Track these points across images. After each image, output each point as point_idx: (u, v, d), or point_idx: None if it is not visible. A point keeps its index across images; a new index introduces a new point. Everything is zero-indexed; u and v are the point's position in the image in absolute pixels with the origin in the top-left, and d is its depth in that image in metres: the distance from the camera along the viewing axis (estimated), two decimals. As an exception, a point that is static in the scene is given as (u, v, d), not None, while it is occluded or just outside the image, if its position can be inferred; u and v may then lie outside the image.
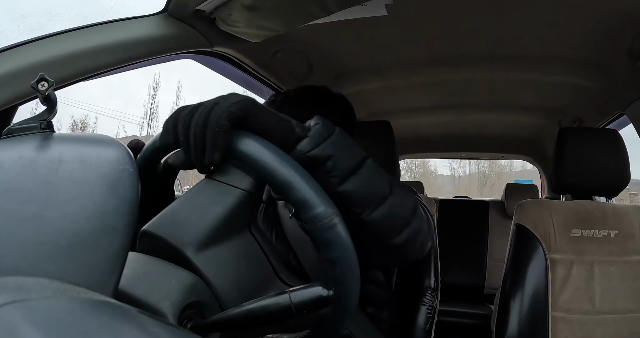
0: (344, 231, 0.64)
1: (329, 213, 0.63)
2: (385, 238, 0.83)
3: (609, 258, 1.50)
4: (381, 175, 0.83)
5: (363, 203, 0.77)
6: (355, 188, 0.75)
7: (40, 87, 0.56)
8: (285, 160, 0.65)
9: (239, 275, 0.66)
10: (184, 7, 1.19)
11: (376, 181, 0.81)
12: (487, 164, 32.43)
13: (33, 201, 0.45)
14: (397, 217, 0.84)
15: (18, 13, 29.16)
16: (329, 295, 0.62)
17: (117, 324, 0.32)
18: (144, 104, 37.06)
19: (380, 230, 0.82)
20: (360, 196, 0.76)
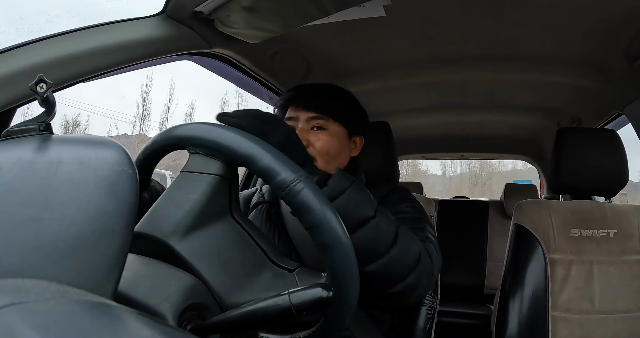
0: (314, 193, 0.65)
1: (292, 178, 0.64)
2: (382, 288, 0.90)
3: (608, 257, 1.50)
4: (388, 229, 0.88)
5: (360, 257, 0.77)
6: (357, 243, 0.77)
7: (38, 89, 0.56)
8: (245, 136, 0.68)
9: (226, 260, 0.67)
10: (182, 9, 1.19)
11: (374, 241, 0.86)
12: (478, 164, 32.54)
13: (32, 203, 0.45)
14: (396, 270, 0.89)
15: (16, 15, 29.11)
16: (329, 296, 0.62)
17: (117, 326, 0.32)
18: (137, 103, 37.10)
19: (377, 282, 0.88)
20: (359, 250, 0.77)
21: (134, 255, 0.64)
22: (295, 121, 1.17)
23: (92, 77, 1.05)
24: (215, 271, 0.64)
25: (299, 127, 1.15)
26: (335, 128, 1.18)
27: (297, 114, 1.17)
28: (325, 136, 1.16)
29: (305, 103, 1.18)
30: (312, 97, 1.20)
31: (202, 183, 0.69)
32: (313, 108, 1.17)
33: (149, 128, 24.96)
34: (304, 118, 1.16)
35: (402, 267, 0.90)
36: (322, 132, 1.16)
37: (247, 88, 1.91)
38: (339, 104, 1.22)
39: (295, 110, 1.18)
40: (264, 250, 0.71)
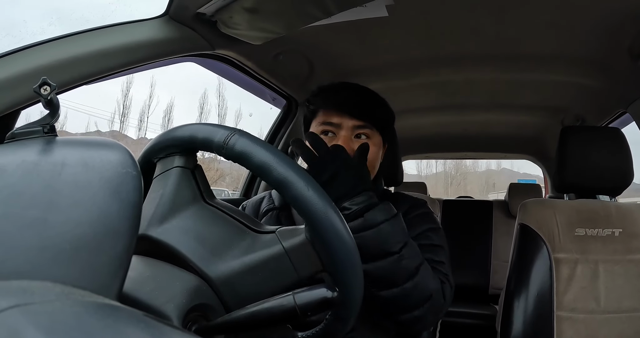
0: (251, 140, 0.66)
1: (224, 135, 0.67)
2: (395, 313, 0.93)
3: (614, 257, 1.50)
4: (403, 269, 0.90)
5: (380, 284, 0.87)
6: (374, 270, 0.86)
7: (42, 92, 0.56)
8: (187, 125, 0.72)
9: (204, 236, 0.68)
10: (185, 11, 1.19)
11: (393, 274, 0.89)
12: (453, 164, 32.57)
13: (36, 205, 0.45)
14: (412, 300, 0.92)
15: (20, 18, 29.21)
16: (334, 297, 0.62)
17: (122, 327, 0.32)
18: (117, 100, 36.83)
19: (392, 308, 0.91)
20: (376, 279, 0.86)
21: (138, 256, 0.64)
22: (336, 127, 1.11)
23: (95, 79, 1.05)
24: (193, 246, 0.65)
25: (342, 135, 1.10)
26: (378, 137, 1.15)
27: (340, 121, 1.11)
28: (370, 146, 1.08)
29: (352, 110, 1.11)
30: (359, 103, 1.13)
31: (167, 178, 0.72)
32: (360, 116, 1.11)
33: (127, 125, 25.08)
34: (349, 126, 1.11)
35: (413, 301, 0.92)
36: (365, 140, 1.11)
37: (250, 89, 1.91)
38: (381, 112, 1.17)
39: (339, 116, 1.11)
40: (243, 222, 0.72)
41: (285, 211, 1.22)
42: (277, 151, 0.66)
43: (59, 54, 0.97)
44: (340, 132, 1.10)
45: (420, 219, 1.17)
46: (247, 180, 2.29)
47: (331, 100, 1.14)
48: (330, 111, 1.12)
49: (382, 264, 0.87)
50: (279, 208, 1.23)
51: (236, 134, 0.66)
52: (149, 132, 41.63)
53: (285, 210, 1.22)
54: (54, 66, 0.96)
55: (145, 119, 29.09)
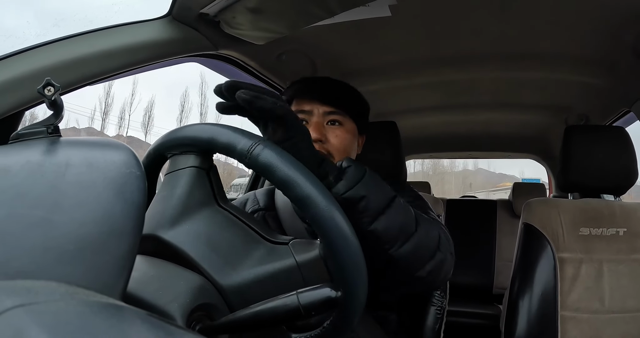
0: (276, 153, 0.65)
1: (249, 144, 0.65)
2: (410, 271, 0.87)
3: (618, 256, 1.49)
4: (408, 211, 0.86)
5: (391, 240, 0.81)
6: (384, 226, 0.79)
7: (46, 92, 0.56)
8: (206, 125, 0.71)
9: (216, 243, 0.67)
10: (187, 11, 1.19)
11: (403, 219, 0.84)
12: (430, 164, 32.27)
13: (41, 205, 0.45)
14: (422, 251, 0.87)
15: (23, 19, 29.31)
16: (337, 296, 0.62)
17: (126, 327, 0.32)
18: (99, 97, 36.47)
19: (406, 265, 0.85)
20: (388, 234, 0.80)
21: (142, 256, 0.64)
22: (308, 114, 1.13)
23: (99, 79, 1.06)
24: (206, 254, 0.65)
25: (314, 121, 1.12)
26: (350, 124, 1.16)
27: (310, 108, 1.13)
28: (342, 132, 1.13)
29: (322, 97, 1.14)
30: (329, 90, 1.16)
31: (181, 177, 0.71)
32: (330, 102, 1.13)
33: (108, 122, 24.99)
34: (320, 112, 1.13)
35: (431, 243, 0.89)
36: (338, 128, 1.13)
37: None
38: (354, 100, 1.20)
39: (310, 103, 1.13)
40: (255, 229, 0.71)
41: (272, 211, 1.22)
42: (301, 166, 0.65)
43: (62, 55, 0.98)
44: (312, 118, 1.12)
45: (407, 196, 1.17)
46: (250, 181, 2.29)
47: (303, 88, 1.17)
48: (303, 99, 1.15)
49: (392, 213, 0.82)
50: (264, 209, 1.23)
51: (261, 144, 0.65)
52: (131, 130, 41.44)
53: (271, 211, 1.22)
54: (58, 66, 0.96)
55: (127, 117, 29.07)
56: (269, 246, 0.70)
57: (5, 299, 0.31)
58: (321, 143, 1.09)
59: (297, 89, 1.18)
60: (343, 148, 1.12)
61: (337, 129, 1.13)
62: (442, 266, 0.91)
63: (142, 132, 55.91)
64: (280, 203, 1.21)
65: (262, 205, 1.25)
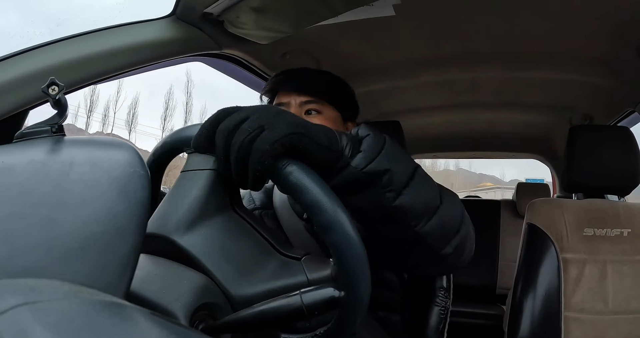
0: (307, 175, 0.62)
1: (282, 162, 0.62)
2: (437, 248, 0.81)
3: (622, 257, 1.49)
4: (432, 183, 0.80)
5: (418, 215, 0.75)
6: (410, 200, 0.72)
7: (50, 92, 0.56)
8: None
9: (230, 252, 0.66)
10: (191, 10, 1.19)
11: (428, 191, 0.78)
12: None
13: (45, 204, 0.45)
14: (448, 226, 0.81)
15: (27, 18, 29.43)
16: (341, 296, 0.62)
17: (129, 325, 0.32)
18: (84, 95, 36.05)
19: (433, 241, 0.79)
20: (415, 208, 0.74)
21: (146, 254, 0.64)
22: (286, 106, 1.12)
23: (103, 79, 1.06)
24: (220, 263, 0.64)
25: (292, 111, 1.05)
26: (330, 112, 1.15)
27: (288, 99, 1.13)
28: (320, 120, 1.10)
29: (297, 87, 1.14)
30: (304, 80, 1.15)
31: (199, 179, 0.69)
32: (306, 91, 1.13)
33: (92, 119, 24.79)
34: (297, 103, 1.12)
35: (456, 216, 0.84)
36: (316, 116, 1.12)
37: (258, 88, 1.91)
38: (333, 87, 1.18)
39: (287, 95, 1.14)
40: (269, 240, 0.70)
41: (269, 210, 1.21)
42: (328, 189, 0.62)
43: (67, 55, 0.98)
44: (290, 109, 1.10)
45: None
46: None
47: (280, 81, 1.17)
48: (281, 92, 1.15)
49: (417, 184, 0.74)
50: (261, 208, 1.23)
51: (293, 164, 0.62)
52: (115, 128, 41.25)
53: (269, 209, 1.22)
54: (62, 66, 0.96)
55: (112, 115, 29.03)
56: (281, 259, 0.69)
57: (9, 297, 0.31)
58: None
59: (275, 81, 1.18)
60: None
61: (315, 117, 1.12)
62: (467, 240, 0.87)
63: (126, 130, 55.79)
64: (278, 201, 1.20)
65: (259, 204, 1.24)
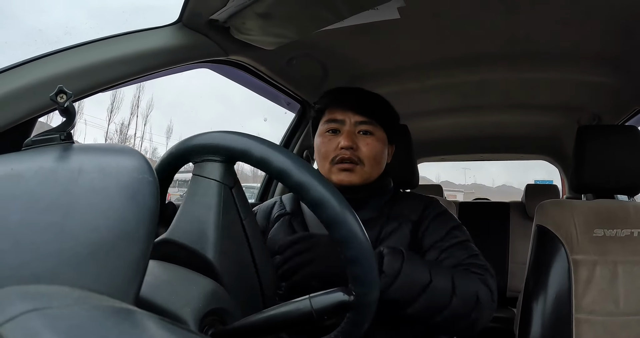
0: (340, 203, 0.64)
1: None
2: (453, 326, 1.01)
3: (633, 257, 1.48)
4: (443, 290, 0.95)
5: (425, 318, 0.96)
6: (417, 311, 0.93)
7: (59, 99, 0.57)
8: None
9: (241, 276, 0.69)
10: (197, 17, 1.20)
11: (438, 299, 0.95)
12: None
13: (54, 210, 0.45)
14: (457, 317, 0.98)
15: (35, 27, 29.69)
16: (350, 300, 0.62)
17: (139, 331, 0.32)
18: None
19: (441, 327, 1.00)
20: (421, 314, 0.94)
21: (155, 260, 0.64)
22: (340, 123, 1.18)
23: (110, 86, 1.06)
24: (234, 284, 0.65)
25: (346, 129, 1.17)
26: (381, 133, 1.21)
27: (344, 117, 1.18)
28: (373, 141, 1.18)
29: (354, 107, 1.19)
30: (361, 101, 1.21)
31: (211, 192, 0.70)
32: (362, 112, 1.18)
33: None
34: (352, 122, 1.18)
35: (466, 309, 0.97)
36: (370, 137, 1.18)
37: (264, 94, 1.92)
38: (384, 110, 1.24)
39: (343, 113, 1.19)
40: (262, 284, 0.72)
41: (298, 216, 1.24)
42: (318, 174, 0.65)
43: (74, 63, 0.99)
44: (344, 127, 1.18)
45: (442, 219, 1.20)
46: (263, 184, 2.29)
47: (336, 98, 1.23)
48: (335, 109, 1.20)
49: (424, 299, 0.92)
50: (290, 214, 1.25)
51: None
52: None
53: (298, 216, 1.24)
54: (70, 74, 0.97)
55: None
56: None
57: (19, 303, 0.31)
58: (352, 150, 1.14)
59: (331, 98, 1.23)
60: (373, 156, 1.16)
61: (368, 138, 1.18)
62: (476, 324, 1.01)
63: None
64: (308, 209, 1.22)
65: (289, 209, 1.27)
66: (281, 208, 1.29)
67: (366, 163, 1.15)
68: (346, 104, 1.20)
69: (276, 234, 1.21)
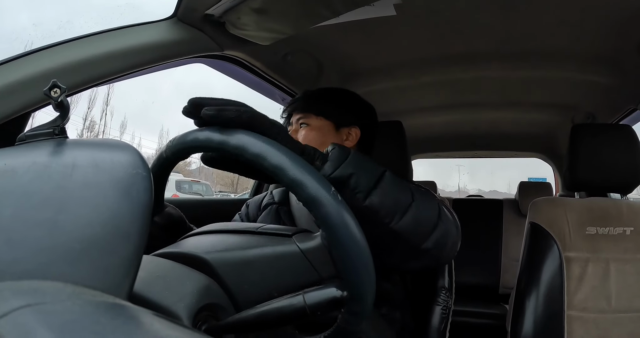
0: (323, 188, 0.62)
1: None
2: (416, 243, 0.87)
3: (625, 255, 1.49)
4: (401, 184, 0.87)
5: (389, 213, 0.81)
6: (379, 200, 0.79)
7: (52, 94, 0.57)
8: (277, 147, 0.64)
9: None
10: (193, 12, 1.19)
11: (398, 191, 0.85)
12: None
13: (47, 205, 0.45)
14: (424, 222, 0.87)
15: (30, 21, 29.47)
16: (343, 296, 0.62)
17: (132, 327, 0.32)
18: None
19: (410, 236, 0.85)
20: (385, 206, 0.81)
21: (148, 256, 0.64)
22: (291, 125, 1.29)
23: (105, 81, 1.06)
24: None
25: (292, 129, 1.28)
26: (317, 122, 1.26)
27: (292, 119, 1.29)
28: (305, 130, 1.25)
29: (294, 108, 1.29)
30: (300, 100, 1.31)
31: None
32: (298, 109, 1.28)
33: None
34: (295, 120, 1.28)
35: (432, 213, 0.89)
36: (304, 128, 1.26)
37: (259, 90, 1.91)
38: (321, 101, 1.29)
39: (293, 115, 1.29)
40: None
41: (284, 206, 1.30)
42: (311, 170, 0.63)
43: (68, 57, 0.98)
44: (292, 126, 1.29)
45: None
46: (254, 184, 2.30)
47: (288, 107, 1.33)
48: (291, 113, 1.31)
49: (384, 187, 0.82)
50: (277, 203, 1.32)
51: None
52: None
53: (284, 205, 1.30)
54: (64, 68, 0.96)
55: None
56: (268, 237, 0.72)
57: (12, 299, 0.31)
58: None
59: (286, 109, 1.34)
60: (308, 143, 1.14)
61: (303, 129, 1.26)
62: (447, 236, 0.91)
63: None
64: (294, 200, 1.28)
65: (277, 199, 1.34)
66: (270, 198, 1.37)
67: None
68: (290, 108, 1.30)
69: (262, 221, 1.26)
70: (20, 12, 31.48)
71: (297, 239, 0.69)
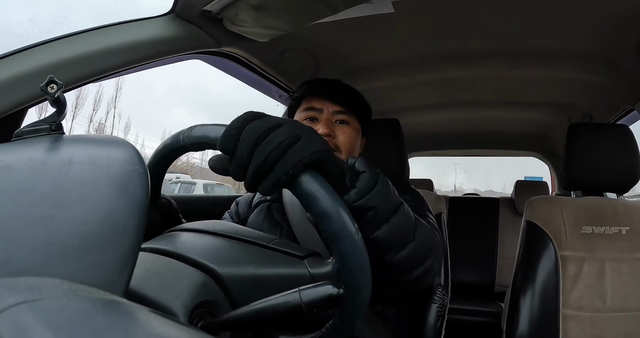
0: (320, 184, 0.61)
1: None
2: (400, 275, 0.87)
3: (620, 255, 1.49)
4: (409, 219, 0.86)
5: (389, 248, 0.81)
6: (385, 235, 0.79)
7: (49, 90, 0.56)
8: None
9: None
10: (191, 8, 1.19)
11: (404, 226, 0.84)
12: None
13: (44, 202, 0.45)
14: (416, 258, 0.87)
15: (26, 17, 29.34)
16: (339, 294, 0.62)
17: (128, 323, 0.32)
18: None
19: (398, 270, 0.86)
20: (388, 242, 0.80)
21: (145, 253, 0.64)
22: (318, 112, 1.20)
23: (102, 77, 1.06)
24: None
25: (324, 118, 1.19)
26: (356, 124, 1.23)
27: (322, 106, 1.20)
28: (349, 129, 1.20)
29: (332, 96, 1.21)
30: (338, 91, 1.23)
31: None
32: (339, 102, 1.21)
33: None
34: (330, 111, 1.20)
35: (424, 251, 0.89)
36: (346, 126, 1.20)
37: (257, 86, 1.91)
38: (360, 103, 1.26)
39: (321, 101, 1.21)
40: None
41: (277, 203, 1.25)
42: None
43: (65, 53, 0.98)
44: (322, 116, 1.20)
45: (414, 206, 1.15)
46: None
47: (314, 88, 1.24)
48: (314, 98, 1.22)
49: (397, 218, 0.81)
50: (270, 200, 1.27)
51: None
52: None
53: (277, 202, 1.25)
54: (61, 64, 0.96)
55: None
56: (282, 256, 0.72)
57: (8, 296, 0.31)
58: (329, 138, 1.15)
59: (309, 88, 1.24)
60: (349, 144, 1.18)
61: (345, 127, 1.20)
62: (430, 272, 0.92)
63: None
64: (287, 197, 1.24)
65: (269, 198, 1.28)
66: (261, 195, 1.31)
67: (343, 151, 1.17)
68: (324, 93, 1.22)
69: (255, 220, 1.23)
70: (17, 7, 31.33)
71: (309, 263, 0.69)
